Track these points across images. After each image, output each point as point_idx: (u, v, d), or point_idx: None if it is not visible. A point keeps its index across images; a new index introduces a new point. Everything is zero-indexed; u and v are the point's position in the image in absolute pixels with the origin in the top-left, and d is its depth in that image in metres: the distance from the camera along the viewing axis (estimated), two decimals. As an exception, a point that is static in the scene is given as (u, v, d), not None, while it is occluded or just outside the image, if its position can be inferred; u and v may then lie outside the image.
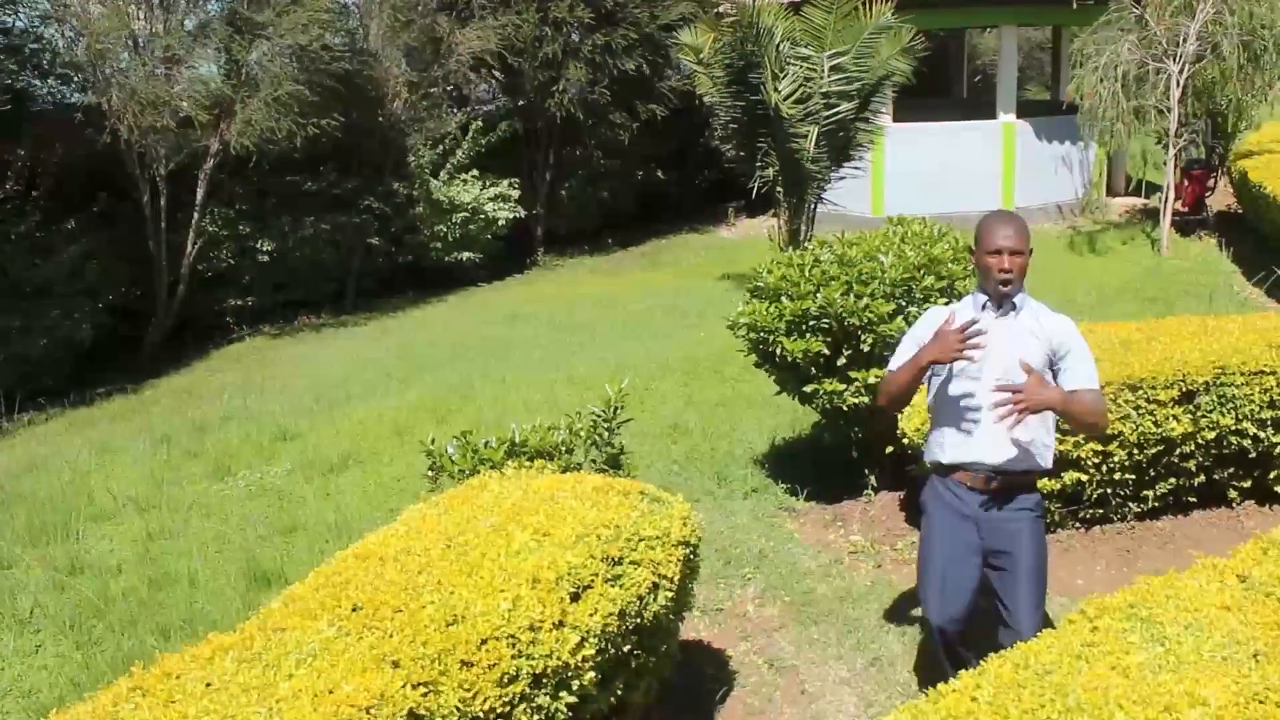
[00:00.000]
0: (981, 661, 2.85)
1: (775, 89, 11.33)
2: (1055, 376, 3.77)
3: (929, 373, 3.85)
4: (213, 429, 10.42)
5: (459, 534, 3.61)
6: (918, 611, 4.94)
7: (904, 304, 5.65)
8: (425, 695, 2.86)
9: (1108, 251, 14.45)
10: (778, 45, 11.43)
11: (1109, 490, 5.48)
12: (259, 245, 16.53)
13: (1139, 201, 17.93)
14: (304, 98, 14.43)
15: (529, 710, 3.12)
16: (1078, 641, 2.87)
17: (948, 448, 3.82)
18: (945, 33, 23.76)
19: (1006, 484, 3.77)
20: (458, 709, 2.91)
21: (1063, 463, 5.30)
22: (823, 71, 11.60)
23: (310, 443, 9.38)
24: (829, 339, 5.66)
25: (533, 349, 12.64)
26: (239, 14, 14.50)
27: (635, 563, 3.53)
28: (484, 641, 3.04)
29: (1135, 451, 5.32)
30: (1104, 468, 5.35)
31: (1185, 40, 13.69)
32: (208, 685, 2.87)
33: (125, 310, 15.48)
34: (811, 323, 5.63)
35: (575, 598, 3.31)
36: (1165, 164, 14.59)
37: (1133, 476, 5.43)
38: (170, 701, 2.80)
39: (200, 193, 15.19)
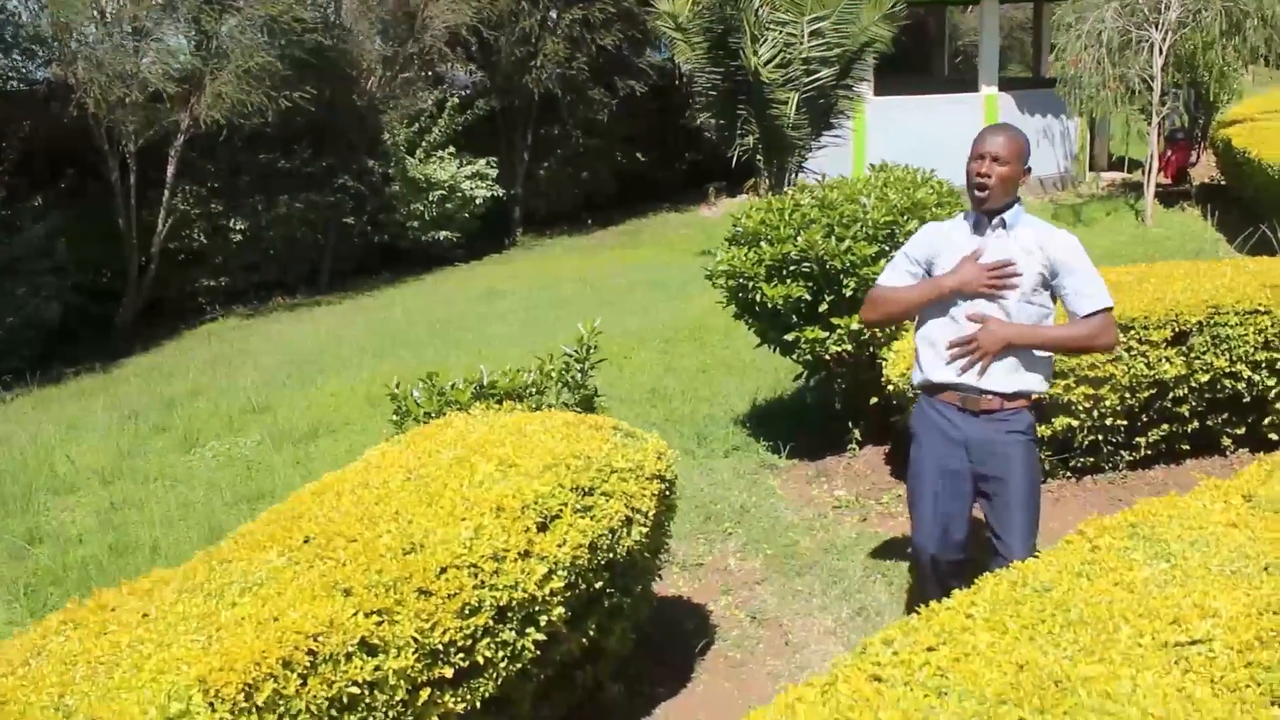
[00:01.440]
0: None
1: (755, 53, 11.14)
2: (1055, 296, 3.60)
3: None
4: (181, 404, 10.20)
5: (420, 466, 3.41)
6: (905, 560, 4.77)
7: (887, 248, 5.46)
8: (379, 624, 2.66)
9: (1092, 222, 14.29)
10: (757, 9, 11.23)
11: (1101, 437, 5.31)
12: (232, 224, 16.26)
13: (1122, 176, 17.80)
14: (275, 70, 14.16)
15: (493, 645, 2.93)
16: (1078, 560, 2.69)
17: (937, 367, 3.63)
18: (926, 10, 23.57)
19: (998, 406, 3.58)
20: (415, 640, 2.71)
21: (1053, 407, 5.12)
22: (803, 37, 11.41)
23: (281, 414, 9.17)
24: (810, 283, 5.46)
25: (510, 324, 12.44)
26: (208, -16, 14.26)
27: (607, 494, 3.33)
28: (443, 570, 2.84)
29: (1127, 395, 5.14)
30: (1095, 413, 5.17)
31: (1167, 7, 13.54)
32: (144, 616, 2.67)
33: (95, 289, 15.21)
34: (792, 267, 5.44)
35: (543, 528, 3.11)
36: (1149, 133, 14.45)
37: (1125, 422, 5.25)
38: (103, 632, 2.60)
39: (171, 169, 14.92)
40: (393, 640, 2.68)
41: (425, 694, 2.76)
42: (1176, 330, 5.10)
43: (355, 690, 2.57)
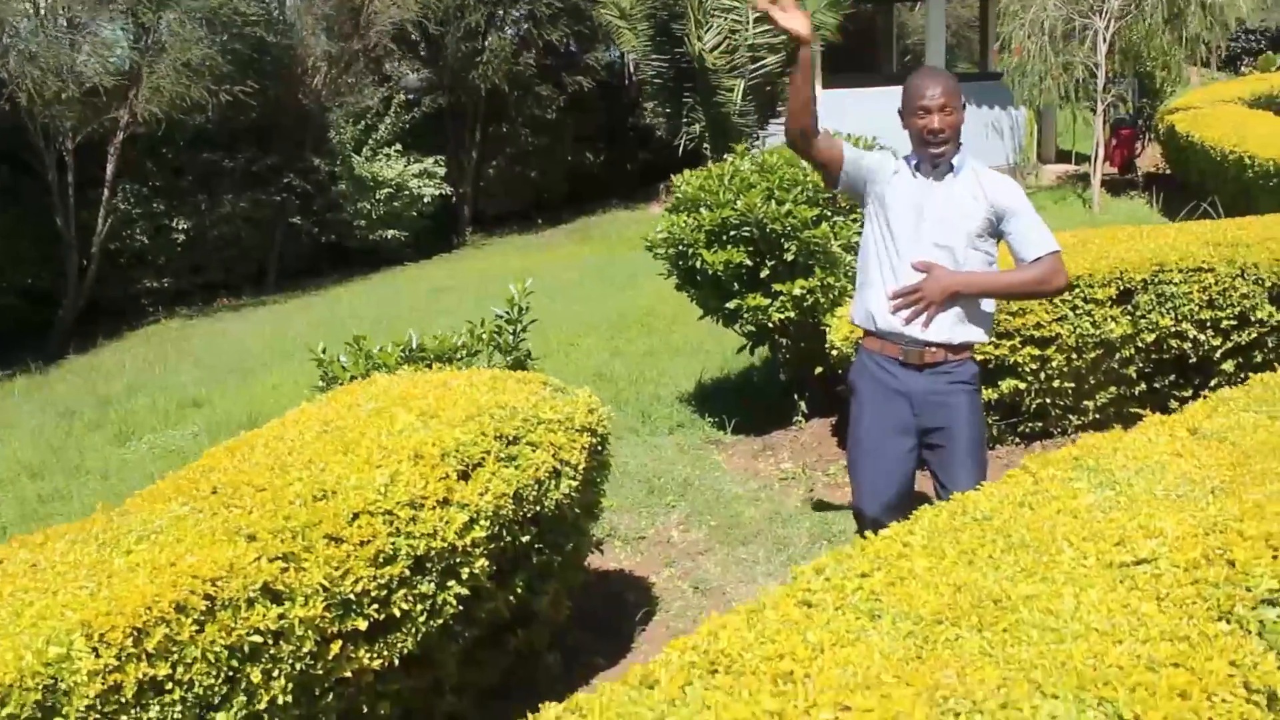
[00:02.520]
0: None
1: (699, 38, 11.04)
2: (1000, 240, 3.49)
3: (865, 229, 3.56)
4: (119, 401, 9.98)
5: (337, 418, 3.25)
6: (852, 526, 4.65)
7: (829, 211, 5.36)
8: (284, 570, 2.50)
9: (1040, 210, 14.28)
10: (701, -5, 11.16)
11: (1048, 400, 5.22)
12: (174, 224, 15.98)
13: (1070, 168, 17.89)
14: (215, 64, 13.91)
15: (411, 597, 2.77)
16: (1020, 491, 2.58)
17: (880, 314, 3.49)
18: (874, 7, 23.64)
19: (942, 358, 3.45)
20: (324, 587, 2.55)
21: (999, 369, 5.04)
22: (747, 23, 11.33)
23: (220, 407, 8.98)
24: (750, 248, 5.34)
25: (456, 318, 12.22)
26: (144, -23, 13.96)
27: (533, 444, 3.18)
28: (356, 516, 2.69)
29: (1074, 356, 5.06)
30: (1042, 374, 5.09)
31: (1111, -4, 13.59)
32: (33, 566, 2.49)
33: (33, 291, 14.88)
34: (732, 232, 5.31)
35: (464, 476, 2.96)
36: (1094, 121, 14.50)
37: (1072, 385, 5.17)
38: (-15, 585, 2.42)
39: (110, 168, 14.61)
40: (300, 588, 2.52)
41: (336, 647, 2.60)
42: (1121, 288, 5.02)
43: (258, 639, 2.42)
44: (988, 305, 3.55)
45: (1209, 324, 5.05)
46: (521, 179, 20.36)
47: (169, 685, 2.27)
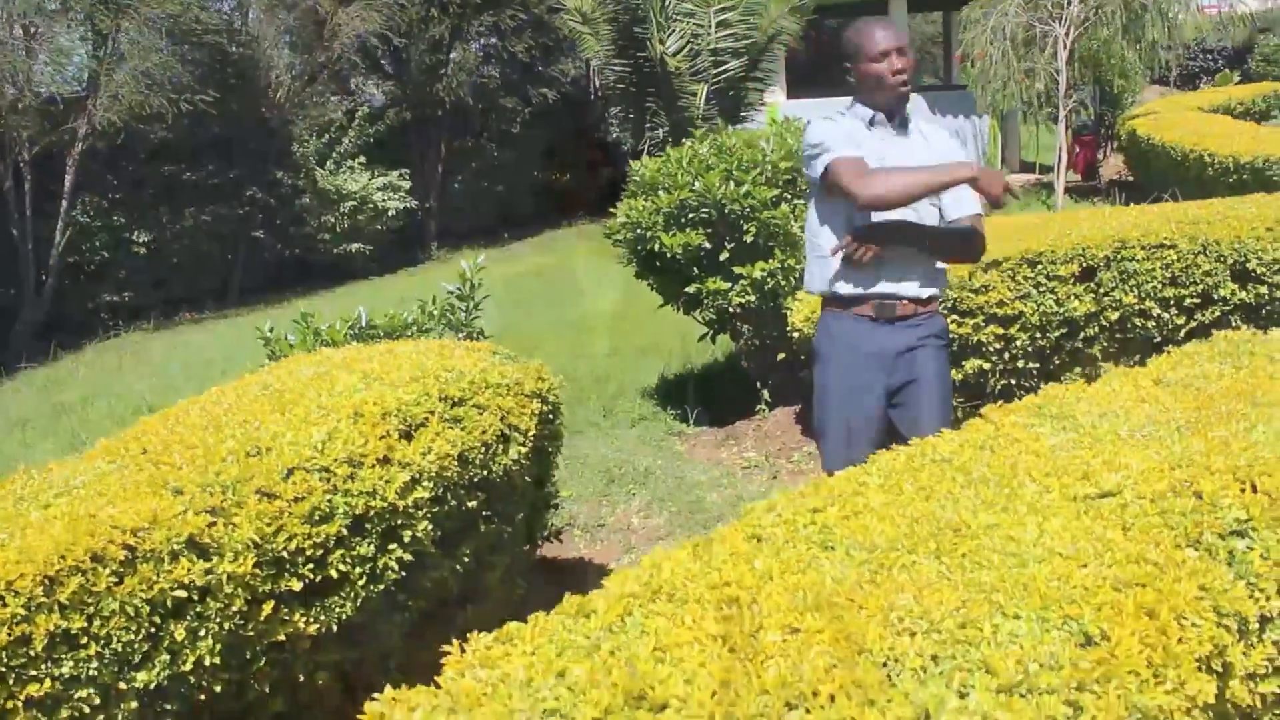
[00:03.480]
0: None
1: (661, 41, 10.99)
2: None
3: (816, 196, 3.44)
4: (74, 410, 9.78)
5: (277, 382, 3.13)
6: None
7: (788, 195, 5.28)
8: (212, 524, 2.37)
9: (1005, 214, 14.33)
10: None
11: (1013, 381, 5.14)
12: (135, 237, 15.74)
13: (1034, 177, 17.98)
14: (174, 71, 13.75)
15: (349, 559, 2.65)
16: (981, 436, 2.49)
17: (848, 279, 3.35)
18: (837, 20, 23.73)
19: (912, 311, 3.35)
20: (255, 544, 2.43)
21: (963, 349, 4.96)
22: (710, 27, 11.29)
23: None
24: (709, 230, 5.25)
25: (420, 325, 12.11)
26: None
27: (480, 406, 3.07)
28: (290, 472, 2.57)
29: (1038, 335, 4.99)
30: (1006, 354, 5.02)
31: (1070, 3, 13.65)
32: (-56, 523, 2.35)
33: (-12, 306, 14.62)
34: (690, 214, 5.22)
35: (406, 436, 2.85)
36: (1056, 127, 14.57)
37: (1037, 365, 5.10)
38: (-111, 544, 2.28)
39: (69, 180, 14.38)
40: (229, 543, 2.39)
41: (269, 608, 2.47)
42: (1084, 265, 4.96)
43: (182, 594, 2.29)
44: (940, 262, 3.47)
45: (1172, 302, 4.98)
46: (488, 193, 20.22)
47: (84, 639, 2.14)
